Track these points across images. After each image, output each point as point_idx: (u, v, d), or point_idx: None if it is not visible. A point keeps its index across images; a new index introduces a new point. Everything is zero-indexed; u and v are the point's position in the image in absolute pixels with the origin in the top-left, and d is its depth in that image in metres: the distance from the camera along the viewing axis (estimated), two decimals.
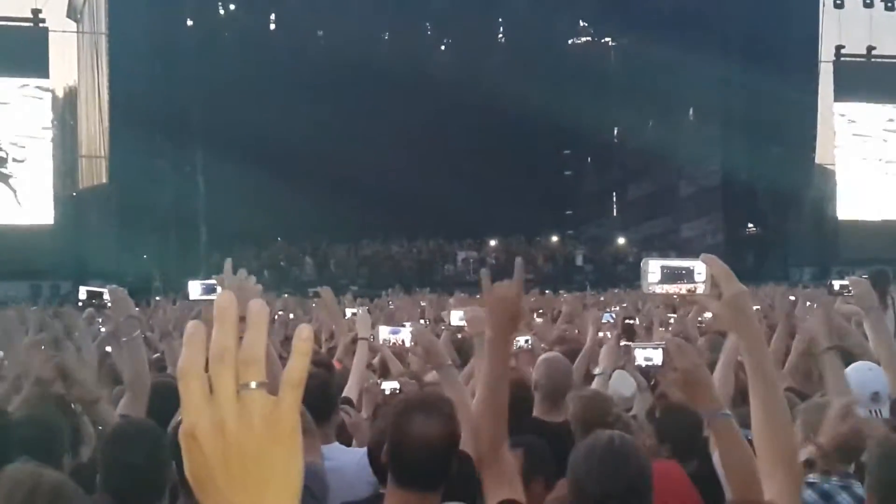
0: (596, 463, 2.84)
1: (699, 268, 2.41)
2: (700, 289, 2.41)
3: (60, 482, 2.95)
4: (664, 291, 2.50)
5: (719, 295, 2.41)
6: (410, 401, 3.07)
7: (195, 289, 3.93)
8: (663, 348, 3.82)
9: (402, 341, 5.99)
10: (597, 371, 4.64)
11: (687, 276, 2.42)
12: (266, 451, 1.00)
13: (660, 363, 3.86)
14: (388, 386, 5.14)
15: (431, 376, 6.00)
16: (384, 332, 6.17)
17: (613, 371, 4.72)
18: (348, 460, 4.14)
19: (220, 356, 1.02)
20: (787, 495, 2.39)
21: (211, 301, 3.97)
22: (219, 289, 3.56)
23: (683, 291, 2.44)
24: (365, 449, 3.71)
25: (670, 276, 2.44)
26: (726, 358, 4.46)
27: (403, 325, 6.64)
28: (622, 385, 5.65)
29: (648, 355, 3.88)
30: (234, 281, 3.40)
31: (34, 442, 3.69)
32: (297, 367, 1.04)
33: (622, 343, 4.72)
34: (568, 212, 42.13)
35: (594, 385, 4.60)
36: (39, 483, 2.85)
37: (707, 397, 2.94)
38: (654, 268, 2.46)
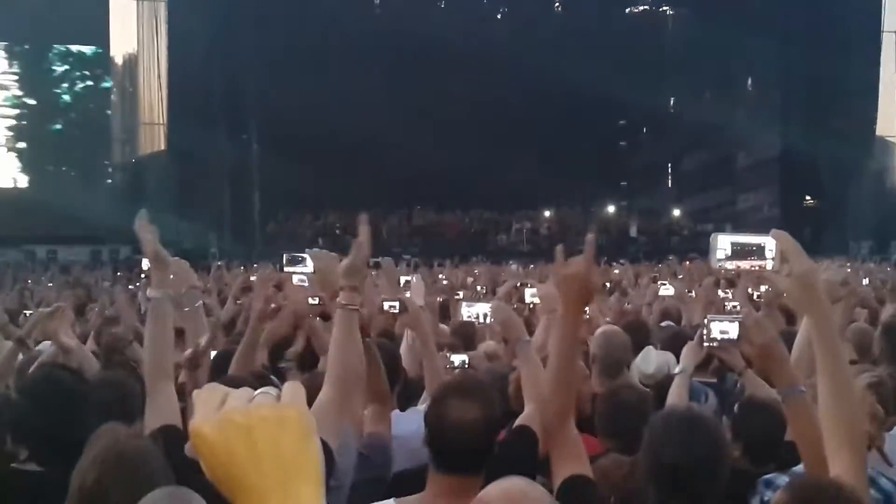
0: (674, 432, 2.85)
1: (769, 244, 2.41)
2: (769, 265, 2.42)
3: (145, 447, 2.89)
4: (734, 267, 2.51)
5: (789, 271, 2.38)
6: (447, 386, 3.02)
7: (288, 260, 4.10)
8: (740, 322, 3.76)
9: (480, 315, 5.58)
10: (677, 370, 4.50)
11: (757, 252, 2.42)
12: (276, 436, 1.00)
13: (735, 337, 3.81)
14: (458, 359, 4.91)
15: (484, 347, 5.99)
16: (464, 308, 5.76)
17: (693, 369, 4.55)
18: (409, 428, 4.04)
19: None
20: (852, 473, 2.37)
21: (300, 273, 4.08)
22: (308, 261, 3.87)
23: (753, 267, 2.45)
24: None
25: (740, 251, 2.45)
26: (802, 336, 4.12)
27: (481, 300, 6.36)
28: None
29: (724, 328, 3.84)
30: (324, 261, 3.63)
31: (110, 405, 3.67)
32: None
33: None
34: (623, 183, 41.70)
35: (675, 384, 4.33)
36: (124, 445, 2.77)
37: (783, 373, 2.99)
38: (723, 243, 2.47)
